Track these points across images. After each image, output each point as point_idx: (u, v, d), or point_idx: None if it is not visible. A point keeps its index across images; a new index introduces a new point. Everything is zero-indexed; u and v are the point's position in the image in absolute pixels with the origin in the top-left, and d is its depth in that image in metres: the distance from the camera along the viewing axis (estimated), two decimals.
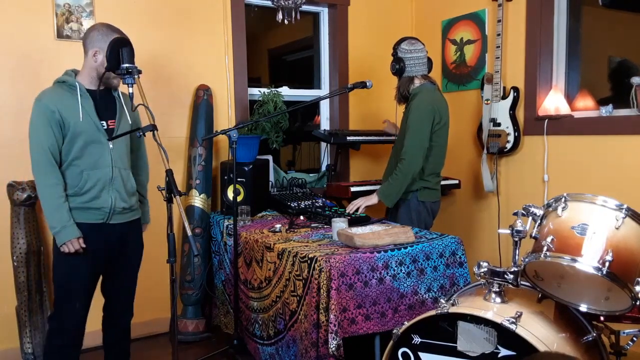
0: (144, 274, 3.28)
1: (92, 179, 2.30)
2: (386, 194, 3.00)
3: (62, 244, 2.24)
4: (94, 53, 2.31)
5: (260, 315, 2.73)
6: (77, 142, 2.27)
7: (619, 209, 1.78)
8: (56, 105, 2.24)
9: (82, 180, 2.29)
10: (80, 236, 2.27)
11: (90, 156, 2.30)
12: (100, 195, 2.32)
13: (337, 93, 3.89)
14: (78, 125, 2.26)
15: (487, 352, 1.75)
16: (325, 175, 4.06)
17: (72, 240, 2.25)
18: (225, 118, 3.64)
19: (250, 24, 3.76)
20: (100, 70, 2.33)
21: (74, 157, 2.28)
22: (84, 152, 2.29)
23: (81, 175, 2.29)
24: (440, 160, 3.09)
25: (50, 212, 2.24)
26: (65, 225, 2.24)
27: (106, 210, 2.35)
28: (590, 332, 1.91)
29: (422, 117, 2.93)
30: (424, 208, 3.06)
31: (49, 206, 2.24)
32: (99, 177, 2.31)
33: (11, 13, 2.98)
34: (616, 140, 3.03)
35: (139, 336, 3.36)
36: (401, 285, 2.39)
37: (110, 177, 2.34)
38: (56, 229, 2.24)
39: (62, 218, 2.24)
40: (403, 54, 3.05)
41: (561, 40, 3.42)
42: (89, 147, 2.29)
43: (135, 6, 3.30)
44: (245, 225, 3.08)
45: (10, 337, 3.00)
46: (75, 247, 2.26)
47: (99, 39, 2.30)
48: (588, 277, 1.76)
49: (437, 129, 2.98)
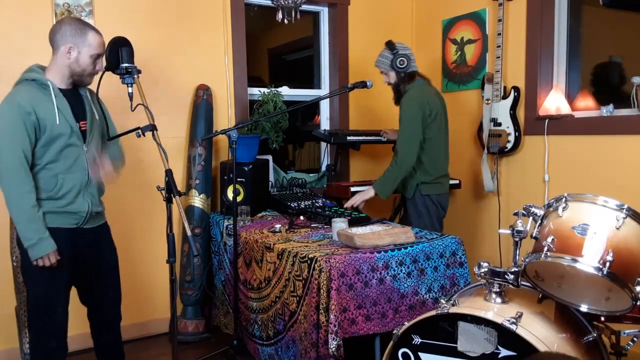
0: (143, 274, 3.29)
1: (68, 184, 2.18)
2: (381, 187, 3.07)
3: (37, 257, 2.11)
4: (67, 49, 2.17)
5: (260, 316, 2.72)
6: (54, 146, 2.13)
7: (619, 209, 1.78)
8: (32, 106, 2.08)
9: (58, 185, 2.16)
10: (55, 249, 2.13)
11: (66, 160, 2.17)
12: (75, 200, 2.21)
13: (337, 93, 3.88)
14: (55, 129, 2.12)
15: (487, 353, 1.75)
16: (325, 175, 4.06)
17: (48, 254, 2.11)
18: (225, 118, 3.64)
19: (250, 24, 3.75)
20: (73, 68, 2.20)
21: (49, 160, 2.14)
22: (60, 156, 2.16)
23: (56, 179, 2.16)
24: (437, 154, 3.12)
25: (25, 223, 2.09)
26: (42, 238, 2.10)
27: (82, 214, 2.24)
28: (591, 333, 1.91)
29: (411, 112, 3.01)
30: (430, 201, 3.11)
31: (23, 216, 2.08)
32: (75, 181, 2.20)
33: (10, 13, 2.98)
34: (617, 140, 3.02)
35: (139, 336, 3.36)
36: (401, 286, 2.39)
37: (86, 181, 2.24)
38: (32, 241, 2.08)
39: (38, 229, 2.10)
40: (403, 51, 3.11)
41: (562, 40, 3.41)
42: (64, 150, 2.16)
43: (135, 6, 3.30)
44: (245, 225, 3.07)
45: (10, 337, 3.00)
46: (51, 260, 2.12)
47: (72, 34, 2.18)
48: (588, 277, 1.76)
49: (429, 122, 3.03)
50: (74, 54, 2.19)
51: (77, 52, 2.19)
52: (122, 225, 3.24)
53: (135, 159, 3.30)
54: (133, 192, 3.32)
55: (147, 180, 3.30)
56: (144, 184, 3.29)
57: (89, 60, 2.22)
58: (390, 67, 3.11)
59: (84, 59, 2.21)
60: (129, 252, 3.27)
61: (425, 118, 3.01)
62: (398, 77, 3.12)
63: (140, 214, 3.35)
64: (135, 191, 3.33)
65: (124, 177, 3.27)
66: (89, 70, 2.24)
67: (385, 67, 3.14)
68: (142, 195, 3.32)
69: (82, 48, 2.19)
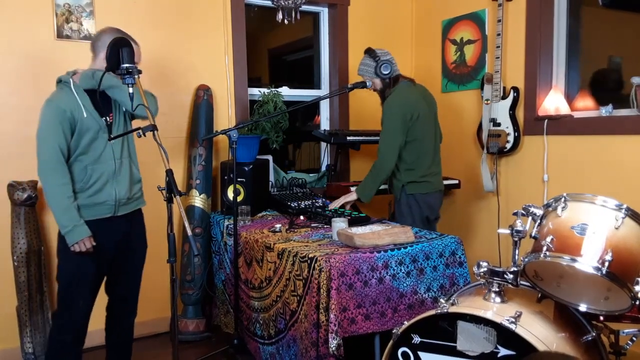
0: (144, 273, 3.28)
1: (96, 173, 2.35)
2: (362, 191, 3.13)
3: (73, 243, 2.27)
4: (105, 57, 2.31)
5: (261, 315, 2.73)
6: (84, 138, 2.31)
7: (618, 209, 1.79)
8: (67, 105, 2.28)
9: (87, 175, 2.33)
10: (90, 235, 2.31)
11: (94, 151, 2.35)
12: (103, 189, 2.37)
13: (337, 93, 3.89)
14: (84, 122, 2.30)
15: (486, 352, 1.76)
16: (325, 175, 4.06)
17: (83, 240, 2.29)
18: (225, 118, 3.64)
19: (250, 24, 3.76)
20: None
21: (80, 152, 2.32)
22: (89, 148, 2.34)
23: (85, 170, 2.33)
24: (423, 153, 3.09)
25: (61, 212, 2.27)
26: (77, 225, 2.28)
27: (111, 203, 2.39)
28: (590, 332, 1.92)
29: (391, 115, 3.01)
30: (414, 201, 3.10)
31: (60, 206, 2.27)
32: (102, 170, 2.36)
33: (11, 13, 2.98)
34: (616, 140, 3.03)
35: (140, 336, 3.36)
36: (401, 285, 2.40)
37: (114, 170, 2.39)
38: (68, 227, 2.27)
39: (73, 217, 2.28)
40: (385, 57, 3.10)
41: (561, 40, 3.42)
42: (93, 142, 2.34)
43: (136, 6, 3.30)
44: (245, 225, 3.08)
45: (11, 337, 3.00)
46: (87, 246, 2.30)
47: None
48: (588, 277, 1.76)
49: (411, 124, 3.02)
50: None
51: None
52: None
53: None
54: None
55: (147, 180, 3.30)
56: (144, 184, 3.29)
57: None
58: (375, 74, 3.10)
59: None
60: None
61: (407, 122, 3.00)
62: (383, 83, 3.12)
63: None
64: None
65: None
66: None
67: (369, 75, 3.12)
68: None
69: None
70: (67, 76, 2.37)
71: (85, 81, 2.35)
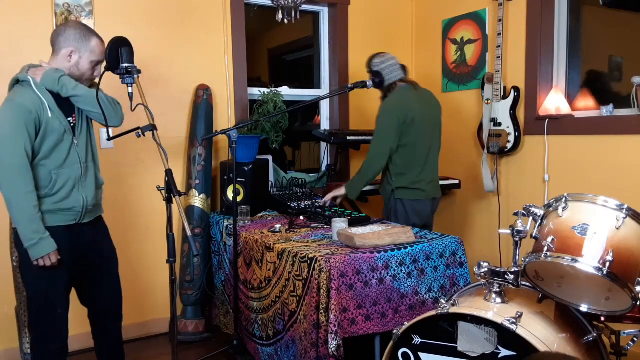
0: (143, 274, 3.29)
1: (62, 178, 2.19)
2: (350, 187, 3.17)
3: (38, 257, 2.12)
4: (69, 53, 2.21)
5: (260, 316, 2.72)
6: (47, 141, 2.15)
7: (619, 209, 1.78)
8: (32, 104, 2.10)
9: (52, 181, 2.17)
10: (56, 249, 2.15)
11: (59, 154, 2.18)
12: (70, 195, 2.22)
13: (337, 93, 3.88)
14: (49, 123, 2.14)
15: (487, 353, 1.75)
16: (325, 175, 4.06)
17: (49, 254, 2.13)
18: (225, 118, 3.64)
19: (250, 24, 3.75)
20: (72, 72, 2.23)
21: (43, 156, 2.15)
22: (53, 151, 2.17)
23: (50, 176, 2.17)
24: (415, 159, 3.08)
25: (26, 223, 2.09)
26: (42, 238, 2.11)
27: (78, 209, 2.25)
28: (591, 333, 1.91)
29: (384, 118, 3.04)
30: (402, 206, 3.09)
31: (25, 216, 2.09)
32: (69, 175, 2.21)
33: (11, 12, 2.98)
34: (617, 140, 3.02)
35: (139, 336, 3.36)
36: (401, 286, 2.39)
37: (80, 175, 2.24)
38: (33, 240, 2.09)
39: (39, 229, 2.11)
40: (377, 67, 3.13)
41: (562, 40, 3.42)
42: (58, 145, 2.18)
43: (135, 6, 3.30)
44: (245, 225, 3.07)
45: (10, 337, 3.00)
46: (52, 260, 2.14)
47: (76, 38, 2.21)
48: (588, 277, 1.76)
49: (405, 128, 3.01)
50: (75, 58, 2.22)
51: (78, 57, 2.22)
52: (122, 225, 3.25)
53: (135, 159, 3.30)
54: (133, 192, 3.32)
55: (147, 180, 3.31)
56: (144, 184, 3.30)
57: (88, 65, 2.25)
58: (372, 84, 3.16)
59: (84, 64, 2.24)
60: (129, 252, 3.27)
61: (400, 125, 2.99)
62: (381, 91, 3.18)
63: (140, 214, 3.35)
64: (135, 191, 3.33)
65: (124, 177, 3.29)
66: (87, 75, 2.28)
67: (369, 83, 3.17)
68: (142, 195, 3.32)
69: (83, 53, 2.22)
70: (24, 74, 2.17)
71: (49, 83, 2.16)
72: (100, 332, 2.48)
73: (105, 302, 2.45)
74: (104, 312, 2.46)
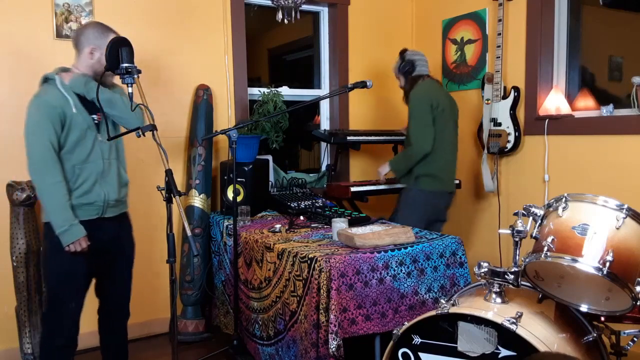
0: (143, 274, 3.28)
1: (85, 173, 2.29)
2: (396, 164, 3.31)
3: (69, 243, 2.22)
4: (90, 50, 2.31)
5: (260, 316, 2.72)
6: (71, 136, 2.25)
7: (619, 209, 1.78)
8: (57, 100, 2.22)
9: (75, 175, 2.27)
10: (86, 234, 2.26)
11: (82, 150, 2.28)
12: (92, 189, 2.30)
13: (337, 93, 3.88)
14: (73, 118, 2.24)
15: (487, 353, 1.75)
16: (325, 175, 4.06)
17: (79, 240, 2.24)
18: (225, 118, 3.64)
19: (250, 24, 3.75)
20: (96, 68, 2.33)
21: (67, 150, 2.25)
22: (76, 146, 2.27)
23: (73, 170, 2.27)
24: (440, 149, 3.20)
25: (57, 211, 2.21)
26: (72, 224, 2.23)
27: (99, 204, 2.33)
28: (591, 333, 1.91)
29: (419, 102, 3.17)
30: (419, 195, 3.20)
31: (55, 204, 2.21)
32: (91, 170, 2.30)
33: (10, 12, 2.98)
34: (617, 140, 3.02)
35: (139, 336, 3.36)
36: (401, 286, 2.39)
37: (102, 170, 2.33)
38: (64, 227, 2.21)
39: (69, 216, 2.22)
40: (411, 57, 3.30)
41: (562, 40, 3.41)
42: (81, 141, 2.28)
43: (135, 6, 3.29)
44: (245, 225, 3.07)
45: (10, 337, 3.00)
46: (82, 245, 2.25)
47: (95, 36, 2.32)
48: (588, 277, 1.76)
49: (436, 114, 3.16)
50: (97, 54, 2.33)
51: (99, 53, 2.31)
52: None
53: (135, 158, 3.30)
54: (133, 192, 3.31)
55: (147, 180, 3.30)
56: (144, 184, 3.29)
57: None
58: (399, 72, 3.33)
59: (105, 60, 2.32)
60: None
61: (433, 110, 3.14)
62: (405, 80, 3.31)
63: (140, 214, 3.35)
64: (135, 191, 3.32)
65: None
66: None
67: (395, 72, 3.39)
68: (142, 195, 3.32)
69: (104, 49, 2.27)
70: (53, 73, 2.31)
71: (77, 87, 2.29)
72: (109, 330, 2.56)
73: (118, 300, 2.54)
74: (114, 309, 2.54)
